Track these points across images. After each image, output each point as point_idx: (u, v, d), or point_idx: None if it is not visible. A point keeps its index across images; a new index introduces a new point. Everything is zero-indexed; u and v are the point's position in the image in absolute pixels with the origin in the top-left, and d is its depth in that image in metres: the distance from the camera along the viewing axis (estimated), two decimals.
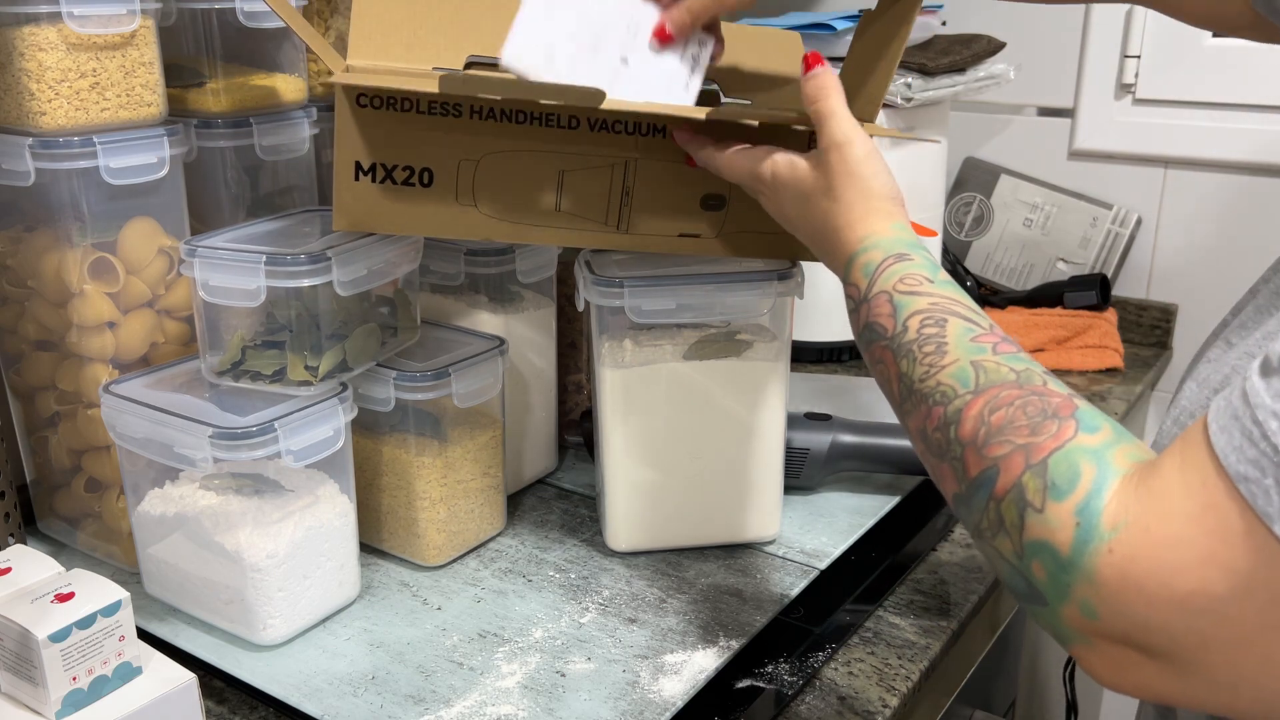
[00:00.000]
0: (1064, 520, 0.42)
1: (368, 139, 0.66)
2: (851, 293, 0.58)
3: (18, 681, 0.54)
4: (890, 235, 0.58)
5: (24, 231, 0.76)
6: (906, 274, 0.56)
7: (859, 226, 0.59)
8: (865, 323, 0.56)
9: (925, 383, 0.51)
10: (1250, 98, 1.31)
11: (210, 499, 0.70)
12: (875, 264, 0.57)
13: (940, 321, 0.52)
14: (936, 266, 0.56)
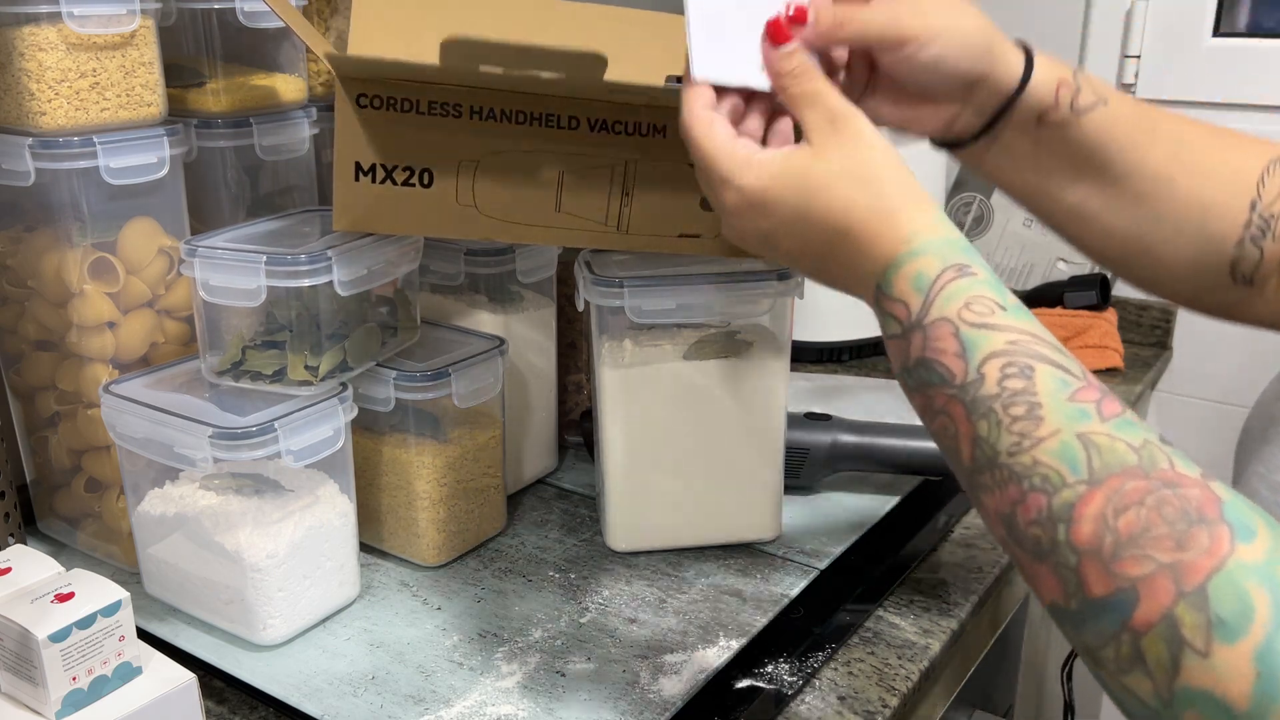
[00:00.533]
0: (1238, 668, 0.34)
1: (368, 139, 0.66)
2: (896, 311, 0.46)
3: (17, 681, 0.54)
4: (941, 235, 0.47)
5: (24, 231, 0.76)
6: (974, 296, 0.45)
7: (900, 220, 0.47)
8: (919, 358, 0.45)
9: (1017, 458, 0.41)
10: (1250, 98, 1.31)
11: (210, 499, 0.70)
12: (930, 276, 0.45)
13: (1026, 371, 0.42)
14: (1002, 284, 0.46)
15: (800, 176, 0.49)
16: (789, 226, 0.50)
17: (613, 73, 0.62)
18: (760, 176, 0.50)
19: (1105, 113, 0.58)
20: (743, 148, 0.51)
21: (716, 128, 0.52)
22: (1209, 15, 1.32)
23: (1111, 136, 0.59)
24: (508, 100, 0.67)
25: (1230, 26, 1.35)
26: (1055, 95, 0.58)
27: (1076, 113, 0.58)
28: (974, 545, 0.86)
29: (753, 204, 0.50)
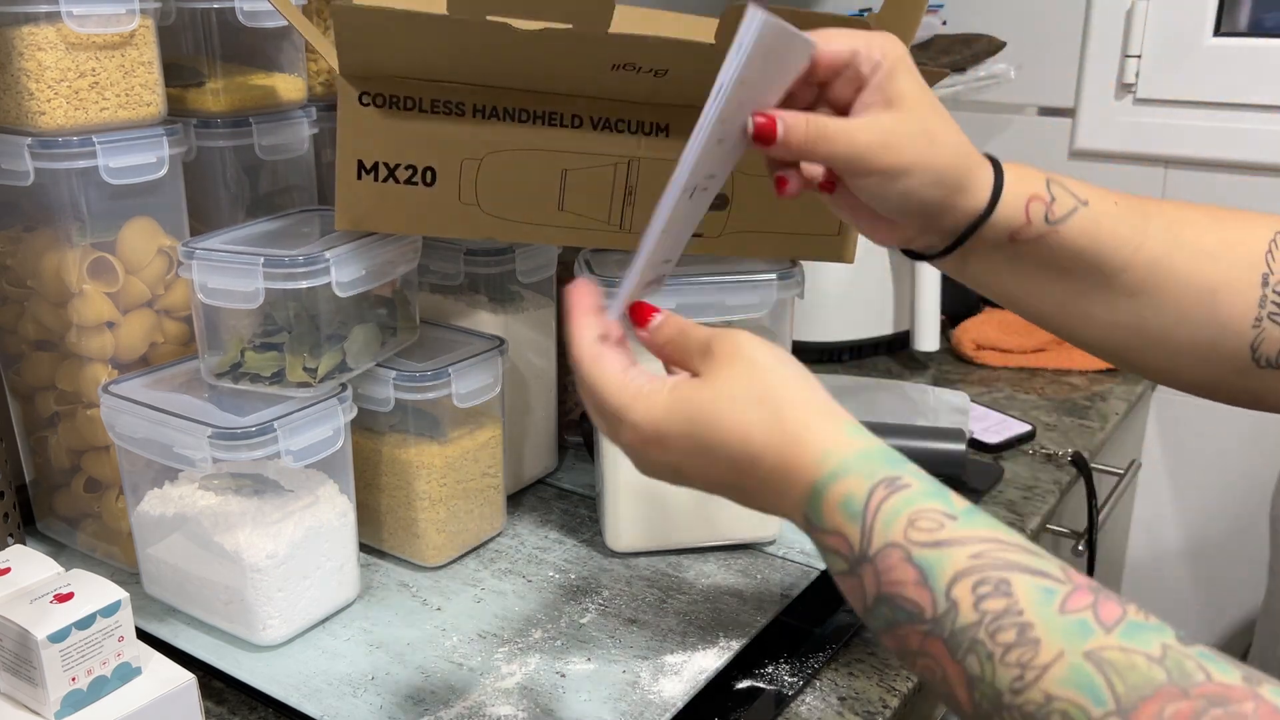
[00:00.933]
0: None
1: (370, 137, 0.66)
2: (836, 545, 0.41)
3: (17, 682, 0.54)
4: (858, 448, 0.42)
5: (23, 231, 0.75)
6: (916, 511, 0.40)
7: (807, 441, 0.42)
8: (878, 595, 0.40)
9: (1025, 695, 0.35)
10: (1251, 97, 1.31)
11: (210, 499, 0.70)
12: (860, 499, 0.41)
13: (1002, 587, 0.37)
14: (943, 487, 0.41)
15: (689, 407, 0.45)
16: (692, 460, 0.46)
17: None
18: (651, 410, 0.46)
19: (1086, 215, 0.55)
20: (633, 380, 0.47)
21: (605, 361, 0.47)
22: (1210, 15, 1.32)
23: (1096, 238, 0.56)
24: (510, 98, 0.67)
25: (1231, 26, 1.35)
26: (1026, 213, 0.55)
27: (1053, 224, 0.55)
28: None
29: (648, 440, 0.46)
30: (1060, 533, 1.06)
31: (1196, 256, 0.56)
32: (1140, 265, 0.56)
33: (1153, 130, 1.37)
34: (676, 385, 0.46)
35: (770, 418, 0.43)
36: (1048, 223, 0.55)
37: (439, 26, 0.60)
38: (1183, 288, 0.56)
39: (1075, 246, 0.56)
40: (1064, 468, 1.00)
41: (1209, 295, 0.56)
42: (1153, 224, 0.56)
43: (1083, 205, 0.56)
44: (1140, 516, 1.54)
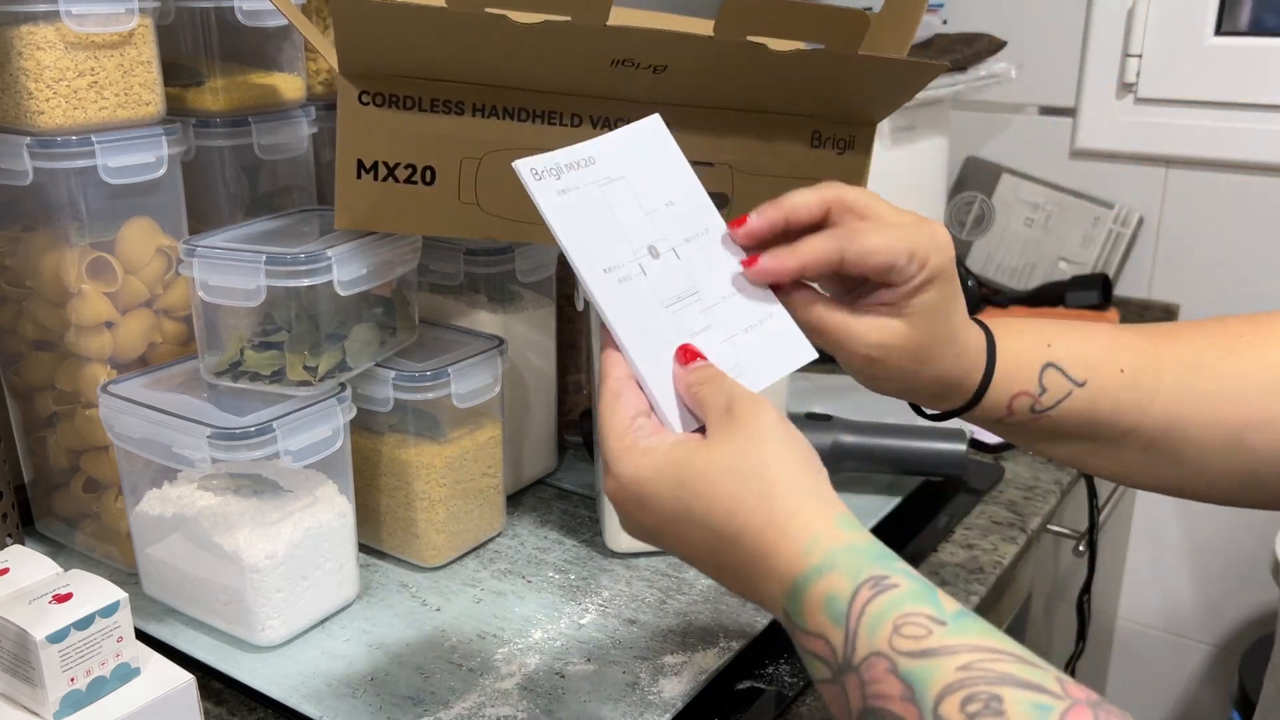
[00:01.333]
0: None
1: (370, 136, 0.65)
2: (817, 649, 0.39)
3: (16, 683, 0.54)
4: (846, 541, 0.40)
5: (22, 231, 0.75)
6: (903, 617, 0.37)
7: (795, 526, 0.41)
8: (862, 709, 0.38)
9: None
10: (1252, 97, 1.31)
11: (209, 499, 0.70)
12: (844, 600, 0.38)
13: (993, 704, 0.35)
14: (933, 589, 0.39)
15: (682, 469, 0.43)
16: (672, 526, 0.44)
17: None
18: (639, 467, 0.44)
19: (1081, 396, 0.55)
20: (636, 429, 0.45)
21: (620, 404, 0.47)
22: (1211, 14, 1.32)
23: (1092, 416, 0.55)
24: (510, 97, 0.66)
25: (1232, 25, 1.35)
26: (1009, 407, 0.56)
27: (1039, 414, 0.55)
28: (975, 546, 0.85)
29: (629, 497, 0.45)
30: (1061, 533, 1.05)
31: (1214, 400, 0.54)
32: (1150, 425, 0.55)
33: (1154, 130, 1.37)
34: (676, 444, 0.45)
35: (760, 495, 0.42)
36: (1033, 413, 0.55)
37: (439, 20, 0.60)
38: (1203, 435, 0.54)
39: (1068, 426, 0.56)
40: (1065, 468, 1.00)
41: (1234, 436, 0.54)
42: (1165, 381, 0.55)
43: (1078, 387, 0.55)
44: (1141, 516, 1.54)
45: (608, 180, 0.53)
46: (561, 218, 0.51)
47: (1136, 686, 1.62)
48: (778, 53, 0.64)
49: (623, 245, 0.52)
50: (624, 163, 0.54)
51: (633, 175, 0.54)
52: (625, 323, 0.50)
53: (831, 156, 0.73)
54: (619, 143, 0.55)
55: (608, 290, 0.50)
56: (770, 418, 0.44)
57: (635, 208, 0.53)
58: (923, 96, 1.15)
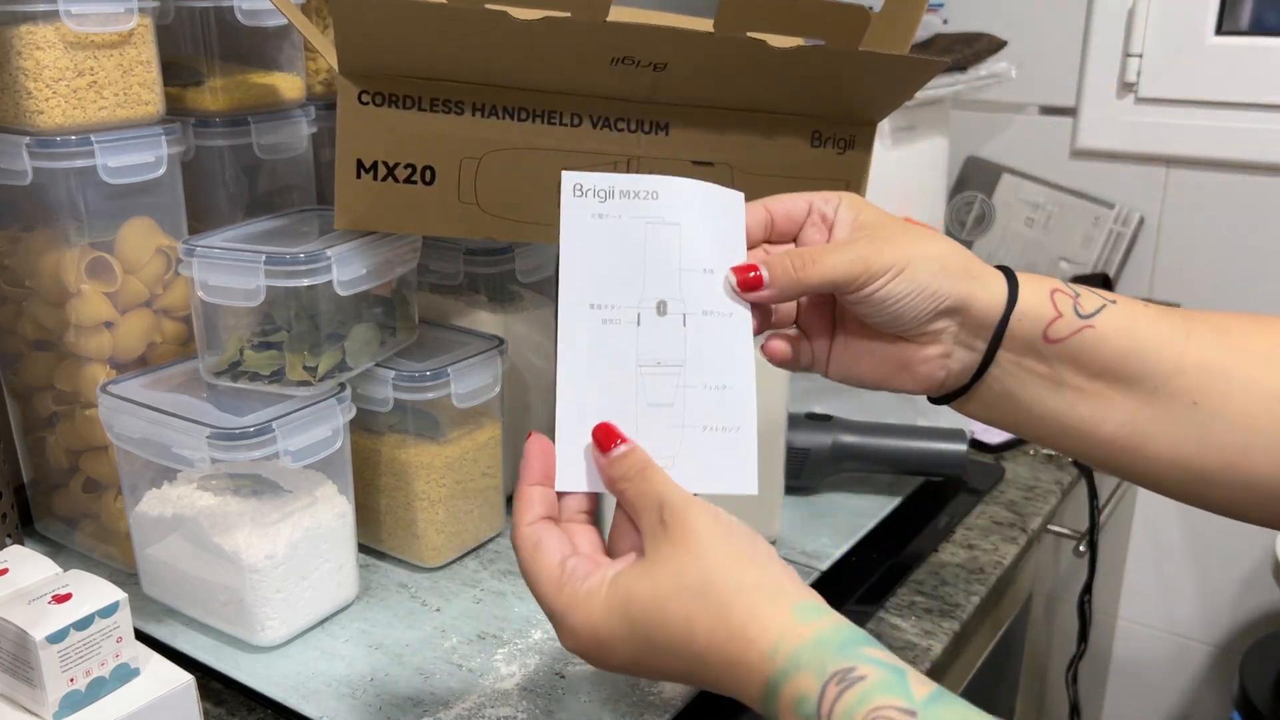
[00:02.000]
0: None
1: (369, 136, 0.65)
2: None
3: (15, 683, 0.54)
4: (810, 635, 0.40)
5: (21, 231, 0.75)
6: (873, 710, 0.37)
7: (754, 633, 0.40)
8: None
9: None
10: (1253, 96, 1.31)
11: (208, 499, 0.70)
12: (813, 701, 0.38)
13: None
14: (903, 672, 0.39)
15: (630, 604, 0.43)
16: (641, 659, 0.43)
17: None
18: (590, 616, 0.44)
19: (1118, 311, 0.51)
20: (570, 577, 0.45)
21: (541, 552, 0.47)
22: (1211, 14, 1.32)
23: (1135, 335, 0.50)
24: (510, 97, 0.66)
25: (1232, 25, 1.35)
26: (1053, 303, 0.51)
27: (1086, 318, 0.50)
28: (976, 546, 0.85)
29: (590, 648, 0.44)
30: (1062, 533, 1.05)
31: (1253, 361, 0.50)
32: (1191, 368, 0.50)
33: (1154, 129, 1.37)
34: (616, 579, 0.44)
35: (714, 610, 0.41)
36: (1079, 315, 0.50)
37: (439, 17, 0.60)
38: (1246, 394, 0.50)
39: (1116, 347, 0.50)
40: (1065, 468, 0.99)
41: (1277, 402, 0.50)
42: (1195, 327, 0.51)
43: (1111, 304, 0.51)
44: (1142, 516, 1.54)
45: (660, 221, 0.51)
46: (580, 237, 0.50)
47: (1137, 687, 1.62)
48: (778, 49, 0.64)
49: (631, 288, 0.50)
50: (686, 212, 0.52)
51: (688, 228, 0.52)
52: (582, 360, 0.48)
53: (832, 156, 0.73)
54: (691, 192, 0.52)
55: (584, 323, 0.49)
56: (704, 521, 0.43)
57: (671, 259, 0.51)
58: (923, 96, 1.15)
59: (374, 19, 0.60)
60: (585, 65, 0.64)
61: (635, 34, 0.62)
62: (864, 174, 0.74)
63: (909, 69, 0.67)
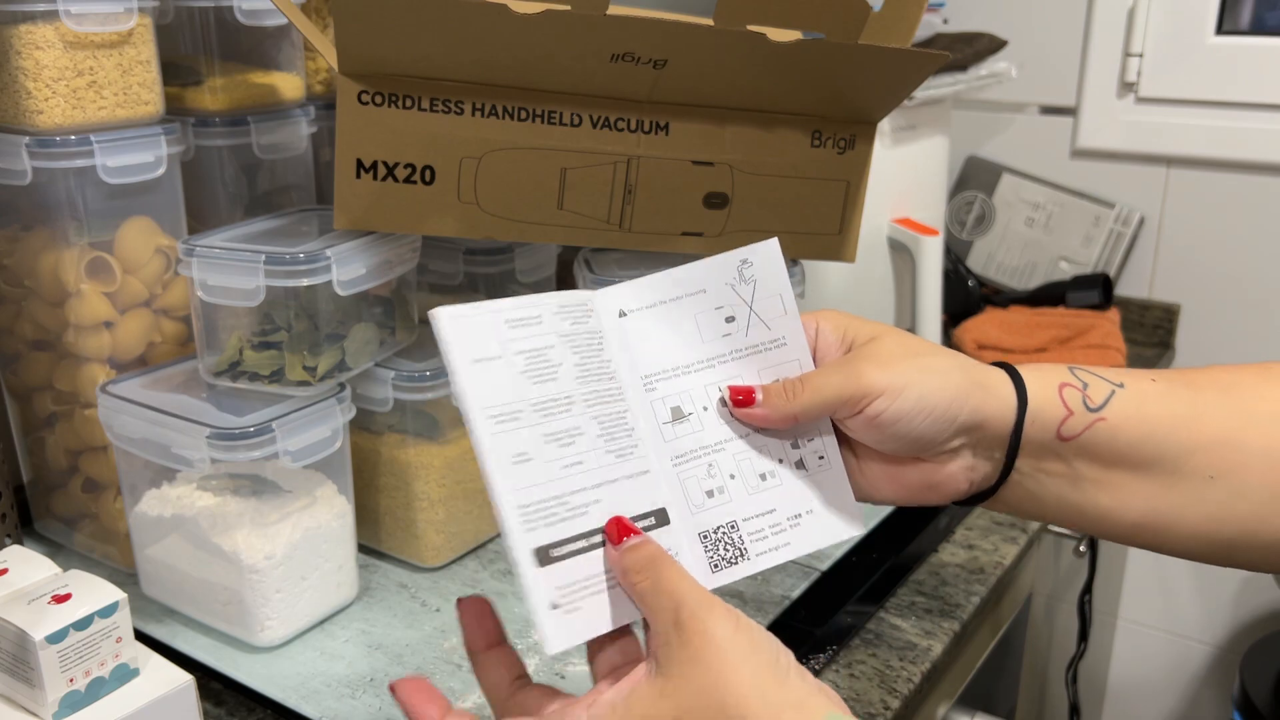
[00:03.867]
0: None
1: (369, 136, 0.65)
2: None
3: (14, 683, 0.54)
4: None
5: (21, 231, 0.75)
6: None
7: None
8: None
9: None
10: (1254, 96, 1.31)
11: (208, 500, 0.70)
12: None
13: None
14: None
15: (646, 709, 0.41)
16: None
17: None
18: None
19: (1127, 396, 0.50)
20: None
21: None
22: (1211, 13, 1.32)
23: (1147, 420, 0.50)
24: (509, 96, 0.66)
25: (1233, 25, 1.35)
26: (1062, 401, 0.50)
27: (1096, 411, 0.50)
28: (976, 546, 0.85)
29: None
30: (1062, 534, 1.05)
31: (1263, 425, 0.50)
32: (1208, 444, 0.50)
33: (1154, 129, 1.37)
34: (630, 703, 0.42)
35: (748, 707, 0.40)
36: (1089, 410, 0.50)
37: (439, 12, 0.60)
38: (1261, 463, 0.50)
39: (1129, 436, 0.50)
40: None
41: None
42: (1203, 397, 0.51)
43: (1119, 388, 0.51)
44: None
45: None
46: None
47: (1137, 687, 1.62)
48: (778, 42, 0.64)
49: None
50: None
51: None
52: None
53: (832, 156, 0.73)
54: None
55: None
56: (725, 630, 0.41)
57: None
58: (923, 96, 1.15)
59: (374, 15, 0.60)
60: (585, 62, 0.64)
61: (635, 27, 0.62)
62: (864, 174, 0.74)
63: (909, 63, 0.67)
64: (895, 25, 0.69)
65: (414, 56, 0.63)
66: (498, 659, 0.48)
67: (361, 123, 0.65)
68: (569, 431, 0.47)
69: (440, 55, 0.63)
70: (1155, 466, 0.51)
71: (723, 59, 0.65)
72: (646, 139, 0.69)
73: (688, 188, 0.71)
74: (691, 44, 0.64)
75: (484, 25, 0.61)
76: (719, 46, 0.64)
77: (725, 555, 0.51)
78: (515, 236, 0.70)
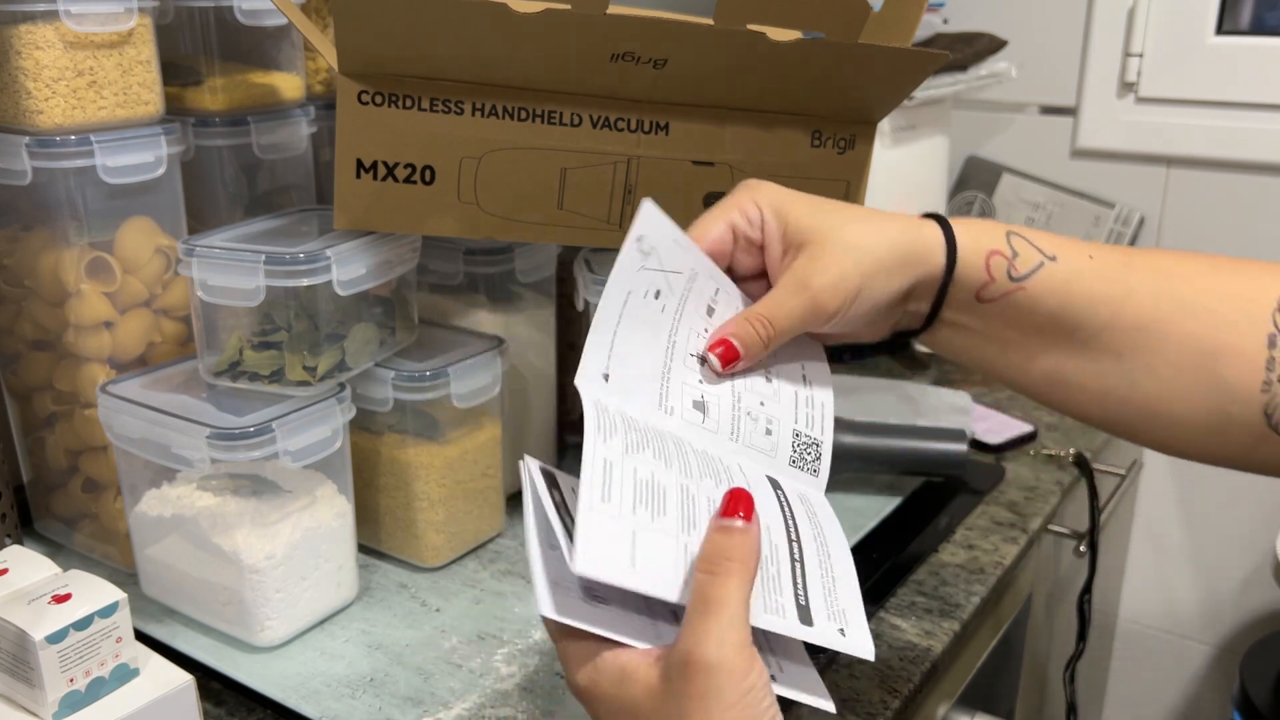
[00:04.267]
0: None
1: (369, 136, 0.65)
2: None
3: (15, 683, 0.54)
4: None
5: (21, 231, 0.75)
6: None
7: None
8: None
9: None
10: (1254, 96, 1.31)
11: (208, 500, 0.70)
12: None
13: None
14: None
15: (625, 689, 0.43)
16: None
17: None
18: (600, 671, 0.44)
19: (1055, 270, 0.52)
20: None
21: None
22: (1211, 13, 1.32)
23: (1069, 296, 0.52)
24: (510, 96, 0.66)
25: (1233, 25, 1.35)
26: (987, 269, 0.52)
27: (1018, 280, 0.52)
28: (976, 546, 0.85)
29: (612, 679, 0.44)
30: (1062, 533, 1.05)
31: (1192, 314, 0.51)
32: (1125, 325, 0.52)
33: (1154, 129, 1.37)
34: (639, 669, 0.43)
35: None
36: (1011, 279, 0.52)
37: (439, 12, 0.60)
38: (1175, 350, 0.51)
39: (1047, 306, 0.52)
40: (1066, 468, 0.99)
41: (1206, 359, 0.51)
42: (1137, 278, 0.52)
43: (1049, 260, 0.52)
44: (1142, 517, 1.54)
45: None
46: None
47: (1137, 687, 1.62)
48: (778, 42, 0.64)
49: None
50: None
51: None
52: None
53: (832, 156, 0.73)
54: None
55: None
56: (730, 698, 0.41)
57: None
58: (923, 96, 1.15)
59: (375, 15, 0.60)
60: (585, 62, 0.64)
61: (635, 27, 0.62)
62: (864, 174, 0.74)
63: (909, 63, 0.67)
64: (895, 25, 0.69)
65: (414, 56, 0.63)
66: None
67: (361, 123, 0.65)
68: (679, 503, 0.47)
69: (440, 55, 0.63)
70: (1068, 337, 0.53)
71: (723, 59, 0.65)
72: (646, 139, 0.69)
73: (688, 188, 0.71)
74: (691, 44, 0.64)
75: (484, 25, 0.61)
76: (719, 46, 0.64)
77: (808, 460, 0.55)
78: (515, 236, 0.70)
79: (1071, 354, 0.53)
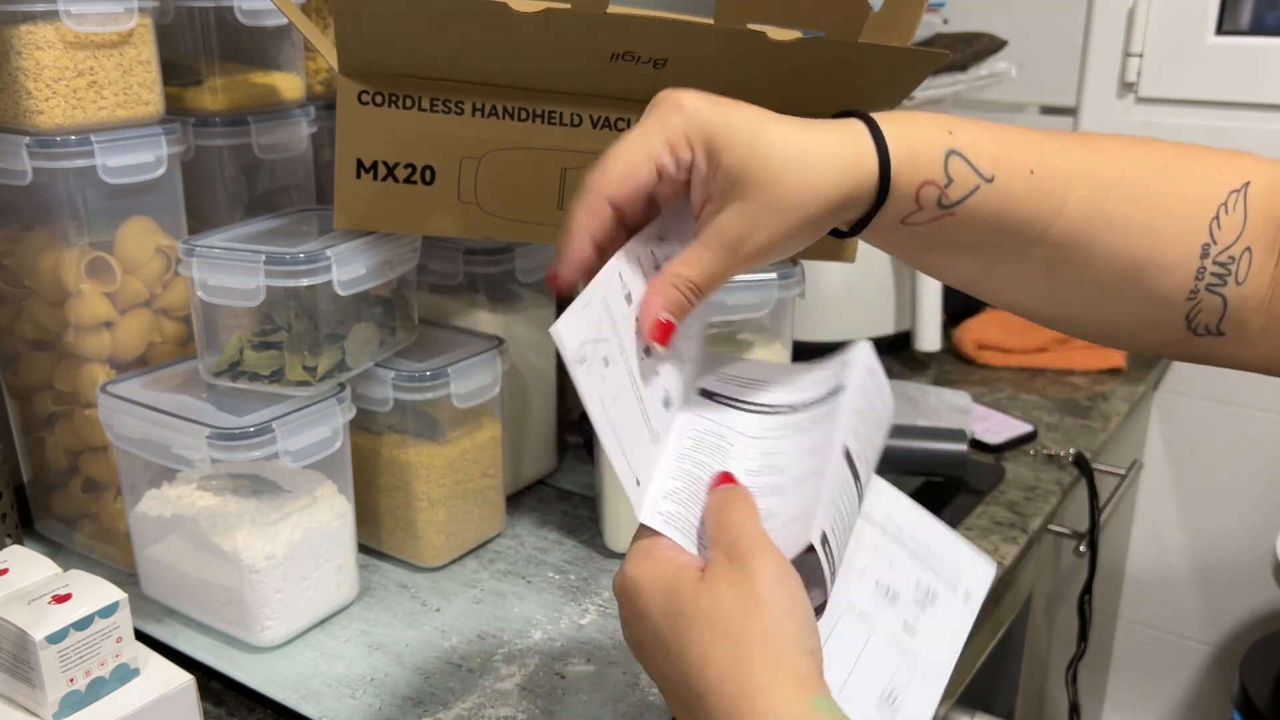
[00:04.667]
0: None
1: (369, 136, 0.65)
2: None
3: (15, 683, 0.54)
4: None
5: (21, 231, 0.75)
6: None
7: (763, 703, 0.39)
8: None
9: None
10: (1254, 96, 1.31)
11: (208, 500, 0.70)
12: None
13: None
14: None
15: (671, 600, 0.42)
16: (652, 647, 0.43)
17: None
18: (642, 573, 0.44)
19: (989, 193, 0.50)
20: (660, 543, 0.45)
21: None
22: (1211, 13, 1.32)
23: (999, 217, 0.50)
24: (510, 97, 0.66)
25: (1233, 25, 1.35)
26: (916, 199, 0.50)
27: (947, 208, 0.50)
28: (976, 546, 0.85)
29: (625, 597, 0.44)
30: (1062, 533, 1.05)
31: (1123, 231, 0.50)
32: (1054, 241, 0.50)
33: (1154, 129, 1.37)
34: (679, 570, 0.43)
35: (735, 664, 0.40)
36: (941, 207, 0.50)
37: (439, 11, 0.60)
38: (1102, 264, 0.51)
39: (976, 226, 0.50)
40: (1066, 468, 0.99)
41: (1134, 272, 0.51)
42: (1075, 196, 0.50)
43: (986, 182, 0.50)
44: (1142, 517, 1.54)
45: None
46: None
47: (1137, 687, 1.62)
48: (778, 42, 0.64)
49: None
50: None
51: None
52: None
53: None
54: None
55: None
56: (768, 577, 0.41)
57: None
58: (923, 96, 1.15)
59: (375, 15, 0.60)
60: (585, 61, 0.64)
61: (635, 26, 0.62)
62: None
63: (909, 62, 0.67)
64: (895, 25, 0.69)
65: (414, 56, 0.63)
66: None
67: (362, 123, 0.65)
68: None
69: (440, 55, 0.63)
70: (996, 248, 0.52)
71: (723, 58, 0.65)
72: None
73: None
74: (691, 43, 0.64)
75: (484, 25, 0.61)
76: (719, 46, 0.64)
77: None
78: (515, 236, 0.70)
79: (994, 263, 0.52)
